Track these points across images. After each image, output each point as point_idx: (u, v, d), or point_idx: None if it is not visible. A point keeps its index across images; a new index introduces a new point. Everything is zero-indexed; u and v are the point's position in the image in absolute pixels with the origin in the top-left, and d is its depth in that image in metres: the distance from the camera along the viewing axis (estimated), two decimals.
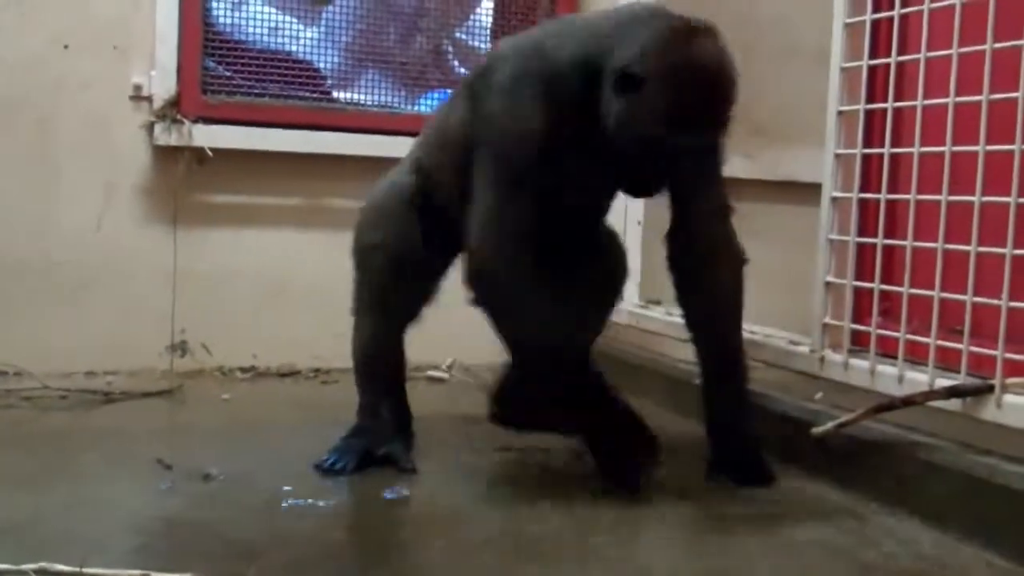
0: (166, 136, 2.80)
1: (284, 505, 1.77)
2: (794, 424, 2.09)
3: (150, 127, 2.81)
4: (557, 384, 1.90)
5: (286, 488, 1.85)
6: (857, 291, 2.04)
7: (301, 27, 3.04)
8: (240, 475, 1.92)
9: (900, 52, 1.94)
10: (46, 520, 1.64)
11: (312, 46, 3.04)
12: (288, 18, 3.05)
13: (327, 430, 2.06)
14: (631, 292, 3.10)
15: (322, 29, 3.06)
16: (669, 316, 2.78)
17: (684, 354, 2.75)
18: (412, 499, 1.86)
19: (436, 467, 2.02)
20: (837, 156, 2.09)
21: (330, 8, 3.06)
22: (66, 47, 2.78)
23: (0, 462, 1.96)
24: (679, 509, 1.83)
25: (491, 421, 2.02)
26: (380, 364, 2.10)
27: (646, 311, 2.92)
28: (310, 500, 1.79)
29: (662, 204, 3.22)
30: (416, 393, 2.16)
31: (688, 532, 1.72)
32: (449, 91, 3.36)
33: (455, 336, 2.90)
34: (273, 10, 3.01)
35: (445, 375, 2.92)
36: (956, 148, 1.78)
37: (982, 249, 1.72)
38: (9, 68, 2.75)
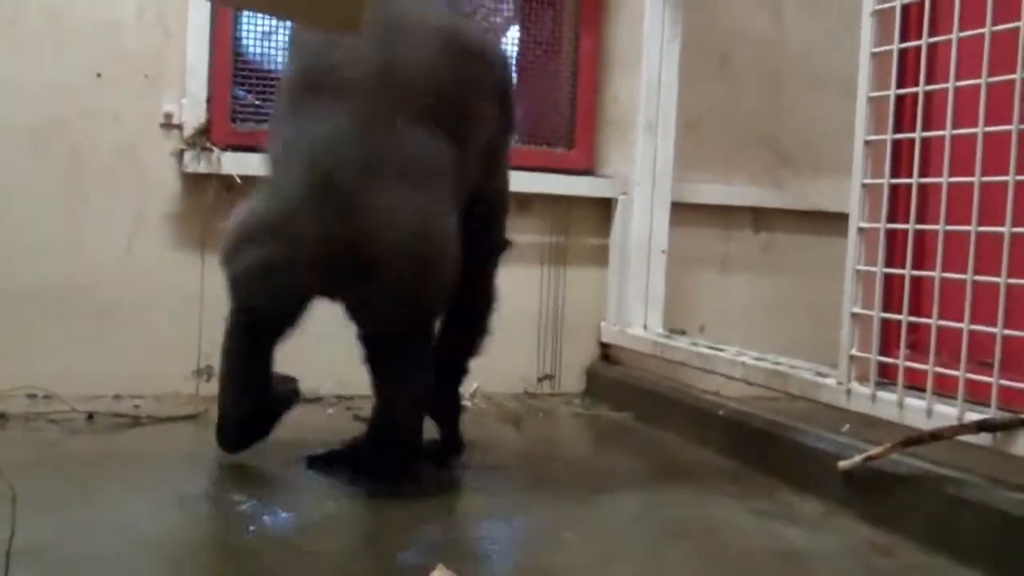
0: (195, 164, 2.82)
1: (306, 531, 1.77)
2: (821, 457, 2.07)
3: (180, 155, 2.83)
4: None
5: (307, 513, 1.85)
6: (885, 323, 2.02)
7: None
8: (264, 500, 1.92)
9: (928, 81, 1.93)
10: (72, 542, 1.64)
11: None
12: None
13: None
14: (654, 321, 3.10)
15: None
16: (694, 346, 2.77)
17: (709, 384, 2.75)
18: (436, 529, 1.85)
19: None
20: (864, 186, 2.08)
21: None
22: (99, 76, 2.81)
23: (27, 484, 1.96)
24: (703, 542, 1.82)
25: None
26: None
27: (670, 341, 2.91)
28: (332, 526, 1.79)
29: (690, 235, 3.25)
30: None
31: (712, 565, 1.71)
32: None
33: (477, 365, 2.91)
34: None
35: (467, 403, 2.92)
36: (985, 178, 1.77)
37: (1012, 280, 1.70)
38: (43, 96, 2.78)
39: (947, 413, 1.80)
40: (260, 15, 2.92)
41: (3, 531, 1.50)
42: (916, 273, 1.94)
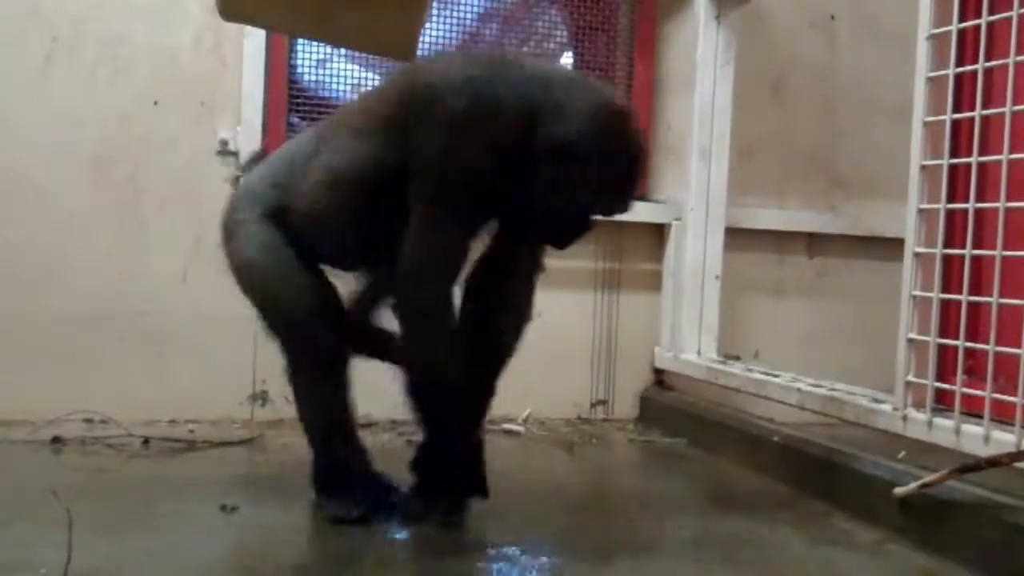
0: None
1: (359, 557, 1.77)
2: (876, 484, 2.05)
3: (236, 181, 2.87)
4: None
5: (360, 536, 1.85)
6: (941, 348, 2.00)
7: None
8: (318, 524, 1.93)
9: (985, 105, 1.91)
10: (127, 567, 1.66)
11: None
12: (371, 75, 3.10)
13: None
14: (708, 346, 3.08)
15: None
16: (749, 372, 2.75)
17: (763, 411, 2.73)
18: (485, 553, 1.85)
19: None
20: (920, 211, 2.05)
21: None
22: (156, 103, 2.87)
23: (83, 508, 1.99)
24: (757, 569, 1.80)
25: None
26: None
27: (724, 367, 2.89)
28: (388, 552, 1.80)
29: (744, 260, 3.23)
30: (490, 446, 2.15)
31: None
32: None
33: (530, 390, 2.91)
34: (356, 67, 3.07)
35: (520, 428, 2.92)
36: None
37: None
38: (102, 123, 2.84)
39: (1005, 440, 1.78)
40: (314, 43, 2.95)
41: (60, 555, 1.52)
42: (973, 299, 1.92)
